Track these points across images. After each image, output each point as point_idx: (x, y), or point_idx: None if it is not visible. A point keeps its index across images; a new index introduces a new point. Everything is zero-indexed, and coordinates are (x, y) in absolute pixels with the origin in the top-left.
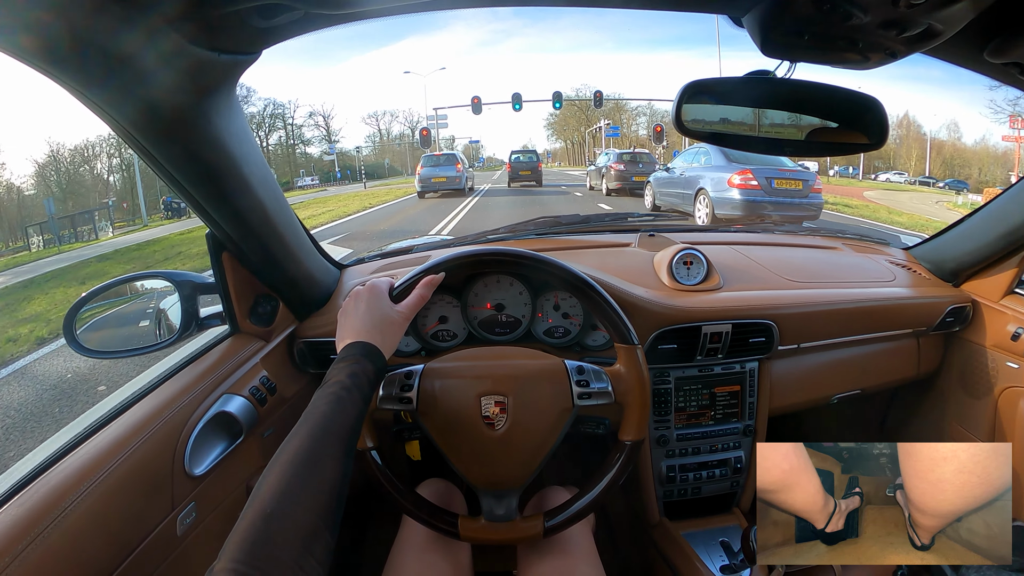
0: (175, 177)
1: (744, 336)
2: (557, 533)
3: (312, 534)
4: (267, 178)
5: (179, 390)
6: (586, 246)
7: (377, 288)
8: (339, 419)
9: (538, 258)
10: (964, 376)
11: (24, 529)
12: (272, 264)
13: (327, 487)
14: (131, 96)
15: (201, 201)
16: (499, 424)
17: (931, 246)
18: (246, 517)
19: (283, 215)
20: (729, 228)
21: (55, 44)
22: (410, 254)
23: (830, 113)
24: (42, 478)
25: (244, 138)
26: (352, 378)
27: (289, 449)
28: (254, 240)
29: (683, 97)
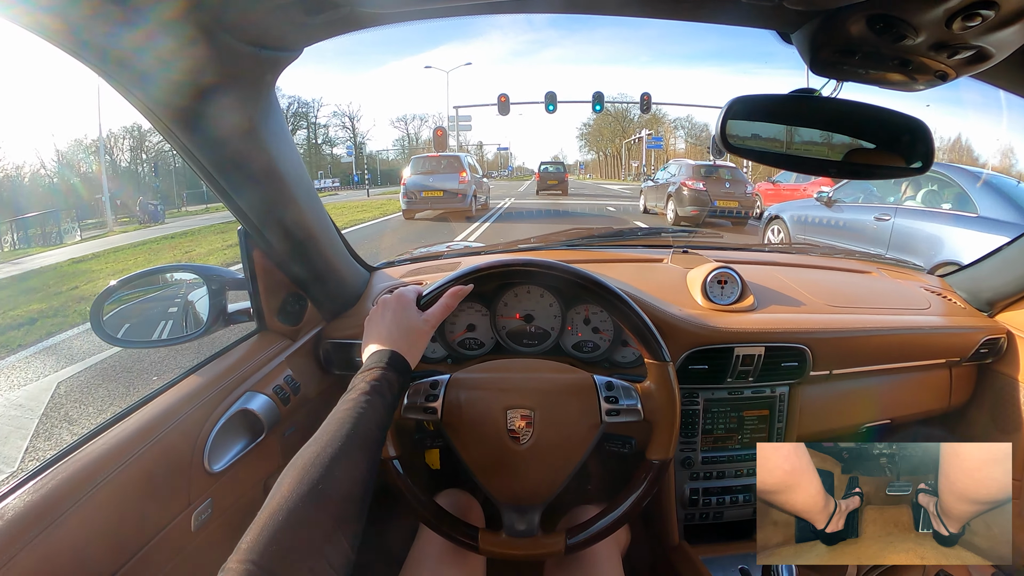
0: (210, 172)
1: (776, 360)
2: (579, 551)
3: (328, 540)
4: (302, 176)
5: (203, 385)
6: (619, 259)
7: (404, 297)
8: (361, 426)
9: (570, 270)
10: (996, 410)
11: (39, 515)
12: (303, 263)
13: (345, 494)
14: (174, 92)
15: (235, 196)
16: (524, 438)
17: (967, 274)
18: (262, 516)
19: (317, 214)
20: (763, 248)
21: (98, 38)
22: (440, 259)
23: (876, 135)
24: (61, 464)
25: (281, 135)
26: (375, 386)
27: (308, 453)
28: (286, 237)
29: (728, 112)
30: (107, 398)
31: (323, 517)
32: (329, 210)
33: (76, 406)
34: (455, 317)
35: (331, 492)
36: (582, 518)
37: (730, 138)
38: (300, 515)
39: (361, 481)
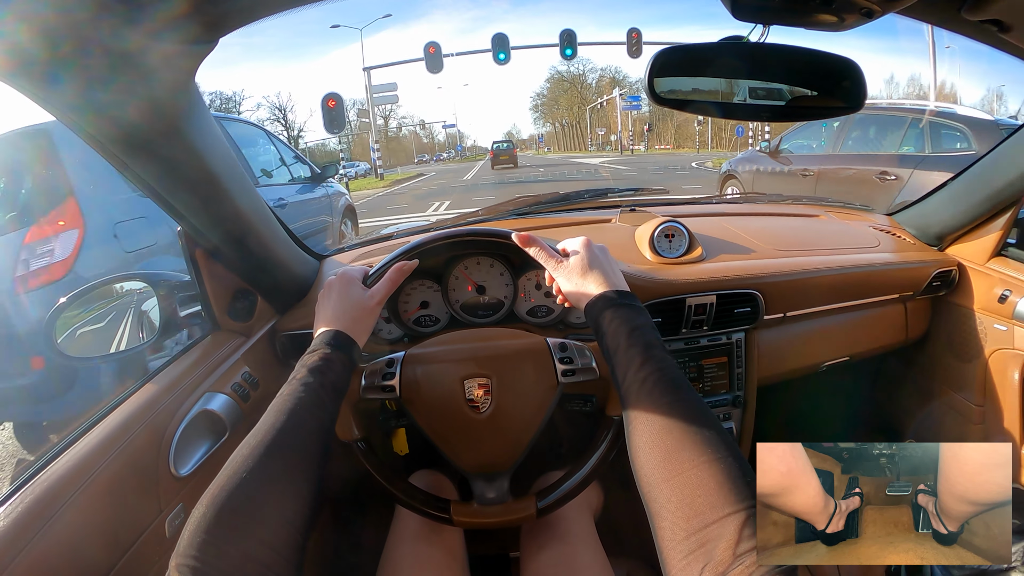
0: (140, 175)
1: (729, 307)
2: (551, 513)
3: (269, 527)
4: (234, 171)
5: (161, 391)
6: (567, 223)
7: (348, 275)
8: (296, 416)
9: (494, 232)
10: (953, 340)
11: (12, 540)
12: (246, 258)
13: (289, 482)
14: (89, 96)
15: (168, 198)
16: (484, 407)
17: (915, 211)
18: (195, 515)
19: (254, 207)
20: (711, 200)
21: (37, 63)
22: (389, 240)
23: (807, 77)
24: (28, 487)
25: (208, 130)
26: (314, 368)
27: (242, 450)
28: (225, 234)
29: (655, 66)
30: None
31: (260, 507)
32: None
33: None
34: (408, 296)
35: (270, 481)
36: (552, 481)
37: (659, 91)
38: (233, 507)
39: (305, 468)
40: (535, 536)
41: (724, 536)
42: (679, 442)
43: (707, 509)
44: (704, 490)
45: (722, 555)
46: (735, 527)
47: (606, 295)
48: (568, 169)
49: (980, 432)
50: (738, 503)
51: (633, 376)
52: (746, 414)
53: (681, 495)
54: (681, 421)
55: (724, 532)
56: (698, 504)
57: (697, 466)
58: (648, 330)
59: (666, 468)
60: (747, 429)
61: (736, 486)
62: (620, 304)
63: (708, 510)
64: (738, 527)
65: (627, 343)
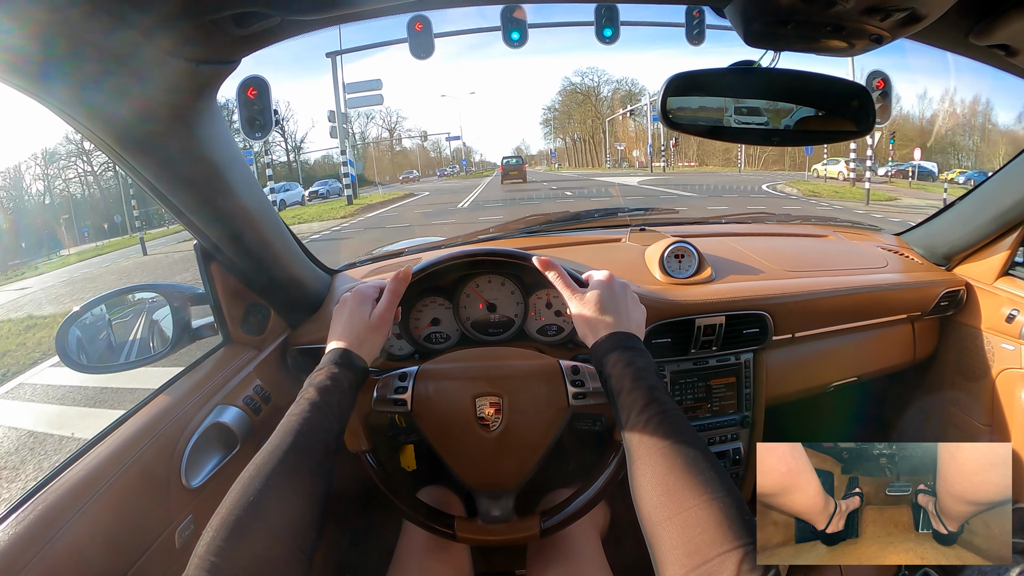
0: (158, 188)
1: (738, 328)
2: (555, 533)
3: (273, 546)
4: (252, 185)
5: (173, 403)
6: (577, 242)
7: (361, 293)
8: (303, 435)
9: (513, 253)
10: (960, 360)
11: (24, 547)
12: (260, 272)
13: (296, 501)
14: (112, 110)
15: (186, 211)
16: (494, 425)
17: (922, 231)
18: (205, 533)
19: (270, 222)
20: (720, 220)
21: (32, 60)
22: (401, 257)
23: (816, 101)
24: (40, 495)
25: (227, 146)
26: (322, 390)
27: (251, 468)
28: (241, 248)
29: (668, 90)
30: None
31: (266, 527)
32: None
33: None
34: (419, 313)
35: (272, 503)
36: (557, 500)
37: (671, 115)
38: (243, 526)
39: (304, 491)
40: (542, 554)
41: (723, 572)
42: (680, 482)
43: (707, 546)
44: (704, 528)
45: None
46: (734, 563)
47: (613, 337)
48: (591, 187)
49: None
50: (736, 540)
51: (636, 418)
52: (754, 434)
53: (682, 533)
54: (682, 462)
55: (723, 568)
56: (698, 541)
57: (697, 505)
58: (651, 373)
59: (668, 507)
60: (755, 449)
61: (734, 524)
62: (626, 347)
63: (708, 547)
64: (737, 563)
65: (631, 386)
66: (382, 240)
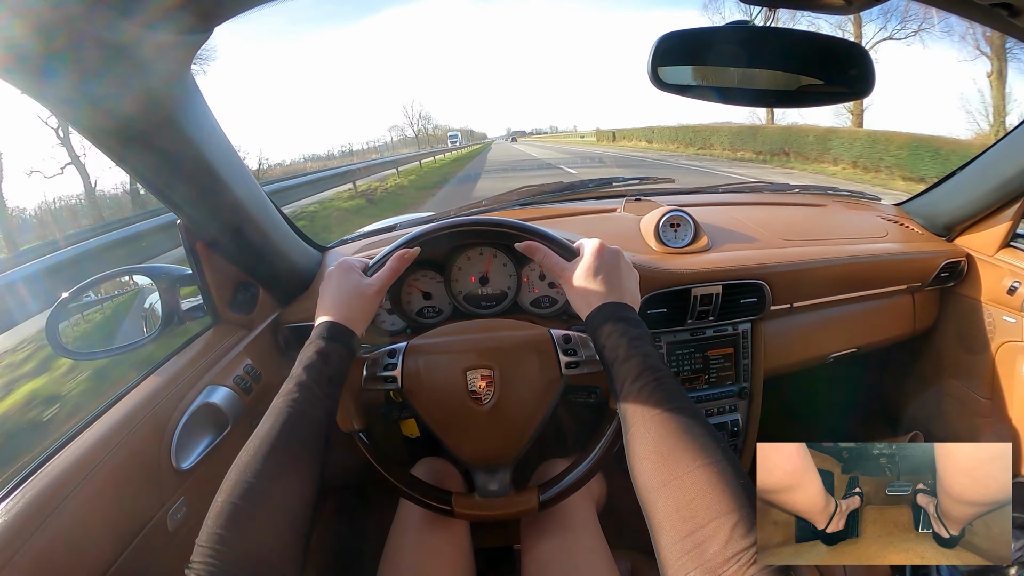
0: (139, 169)
1: (735, 297)
2: (553, 505)
3: (275, 526)
4: (234, 162)
5: (162, 384)
6: (572, 213)
7: (347, 263)
8: (296, 412)
9: (500, 222)
10: (960, 332)
11: (14, 535)
12: (247, 250)
13: (290, 481)
14: (83, 89)
15: (167, 191)
16: (486, 398)
17: (923, 201)
18: (211, 513)
19: (254, 199)
20: (716, 189)
21: (4, 46)
22: (392, 232)
23: (814, 62)
24: (29, 482)
25: (205, 121)
26: (311, 367)
27: (246, 452)
28: (225, 227)
29: (659, 50)
30: None
31: (271, 499)
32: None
33: None
34: (410, 287)
35: (266, 488)
36: (554, 473)
37: (662, 76)
38: (249, 500)
39: (297, 472)
40: (536, 525)
41: (717, 536)
42: (674, 448)
43: (701, 511)
44: (698, 493)
45: (714, 554)
46: (728, 527)
47: (606, 307)
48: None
49: (987, 425)
50: (731, 505)
51: (630, 386)
52: (752, 406)
53: (676, 499)
54: (677, 428)
55: (717, 532)
56: (693, 507)
57: (692, 471)
58: (645, 342)
59: (662, 473)
60: (753, 421)
61: (729, 489)
62: (619, 318)
63: (702, 512)
64: (730, 527)
65: (625, 355)
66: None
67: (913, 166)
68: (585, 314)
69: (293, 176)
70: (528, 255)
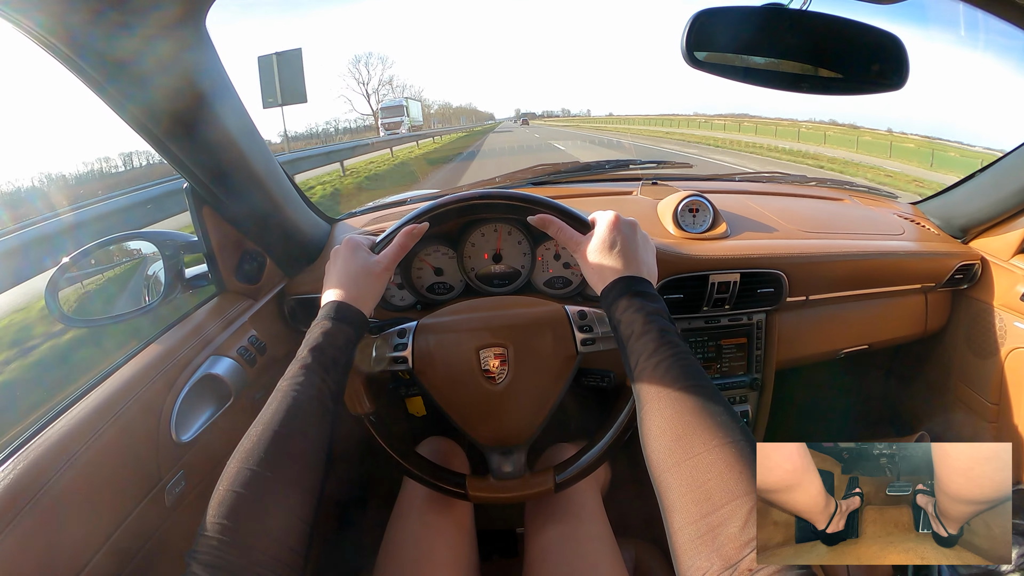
0: (145, 124)
1: (752, 287)
2: (569, 487)
3: (283, 504)
4: (247, 125)
5: (162, 354)
6: (587, 194)
7: (354, 240)
8: (300, 397)
9: (510, 195)
10: (971, 335)
11: (7, 505)
12: (256, 218)
13: (292, 468)
14: (91, 40)
15: (175, 150)
16: (500, 378)
17: (940, 201)
18: (217, 494)
19: (266, 165)
20: (733, 177)
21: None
22: (402, 206)
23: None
24: (22, 451)
25: (219, 79)
26: (316, 348)
27: (254, 431)
28: (235, 192)
29: (694, 27)
30: None
31: (274, 487)
32: None
33: None
34: (422, 262)
35: (270, 473)
36: (563, 457)
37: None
38: (252, 488)
39: (302, 456)
40: (541, 510)
41: (733, 520)
42: (690, 426)
43: (717, 492)
44: (715, 473)
45: (730, 538)
46: (745, 511)
47: (622, 281)
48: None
49: (994, 430)
50: (749, 487)
51: (645, 362)
52: (763, 397)
53: (691, 478)
54: (693, 406)
55: (733, 516)
56: (708, 487)
57: (708, 450)
58: (662, 317)
59: (677, 452)
60: (763, 412)
61: (747, 470)
62: (636, 292)
63: (718, 493)
64: (748, 511)
65: (641, 330)
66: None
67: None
68: (600, 289)
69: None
70: (541, 228)
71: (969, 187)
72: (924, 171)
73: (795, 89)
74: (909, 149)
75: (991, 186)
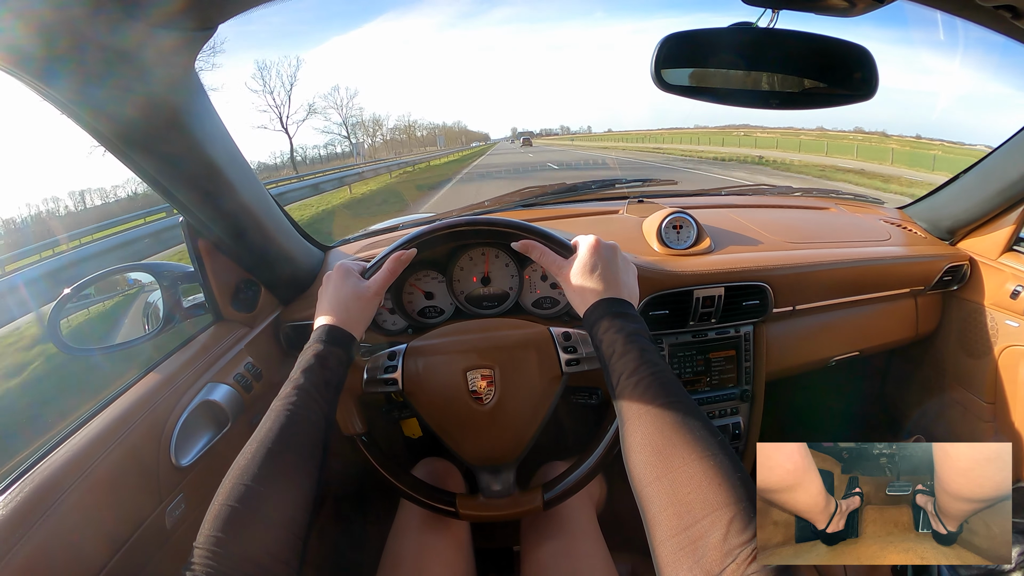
0: (142, 166)
1: (738, 299)
2: (557, 504)
3: (274, 527)
4: (237, 159)
5: (162, 381)
6: (574, 214)
7: (345, 266)
8: (294, 416)
9: (496, 221)
10: (963, 336)
11: (10, 530)
12: (249, 248)
13: (288, 486)
14: (87, 92)
15: (170, 187)
16: (487, 398)
17: (926, 204)
18: (211, 512)
19: (257, 197)
20: (719, 192)
21: (9, 47)
22: (394, 232)
23: (817, 64)
24: (26, 477)
25: (208, 118)
26: (309, 370)
27: (245, 454)
28: (228, 224)
29: (662, 51)
30: None
31: (268, 501)
32: None
33: None
34: (412, 287)
35: (263, 492)
36: (555, 474)
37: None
38: (246, 503)
39: (295, 476)
40: (536, 528)
41: (713, 531)
42: (670, 440)
43: (696, 505)
44: (694, 486)
45: (711, 549)
46: (724, 522)
47: (603, 304)
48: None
49: (990, 429)
50: (728, 498)
51: (626, 381)
52: (754, 408)
53: (672, 492)
54: (672, 421)
55: (713, 528)
56: (688, 500)
57: (687, 463)
58: (642, 337)
59: (657, 466)
60: (755, 424)
61: (727, 482)
62: (616, 313)
63: (697, 506)
64: (727, 521)
65: (622, 350)
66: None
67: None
68: (582, 311)
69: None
70: (525, 254)
71: (954, 188)
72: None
73: (766, 106)
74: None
75: (976, 186)
